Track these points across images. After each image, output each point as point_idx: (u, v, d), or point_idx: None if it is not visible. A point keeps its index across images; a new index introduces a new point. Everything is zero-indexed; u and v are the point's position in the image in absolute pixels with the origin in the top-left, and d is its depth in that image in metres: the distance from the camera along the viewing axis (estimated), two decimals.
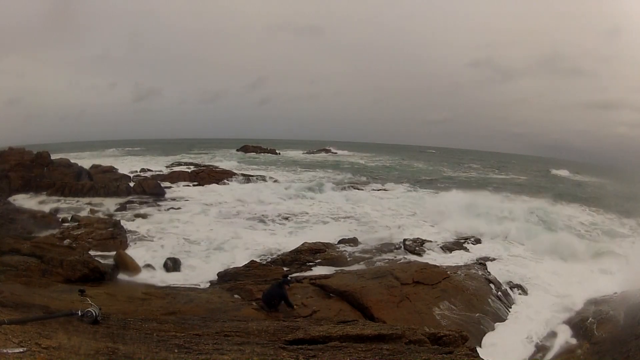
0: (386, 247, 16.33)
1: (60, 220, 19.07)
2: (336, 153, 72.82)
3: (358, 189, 30.03)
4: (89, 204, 22.68)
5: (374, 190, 30.18)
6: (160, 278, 12.82)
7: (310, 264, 14.11)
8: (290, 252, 14.83)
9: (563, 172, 60.69)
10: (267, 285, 10.31)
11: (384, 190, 30.54)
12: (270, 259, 14.58)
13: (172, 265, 13.34)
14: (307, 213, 22.28)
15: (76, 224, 17.13)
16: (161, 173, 34.58)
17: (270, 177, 33.91)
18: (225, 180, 30.84)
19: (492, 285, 12.44)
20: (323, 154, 69.46)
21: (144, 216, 20.27)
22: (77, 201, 23.35)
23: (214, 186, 29.19)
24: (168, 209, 22.08)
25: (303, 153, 71.52)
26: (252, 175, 33.43)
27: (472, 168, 59.95)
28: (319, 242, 15.71)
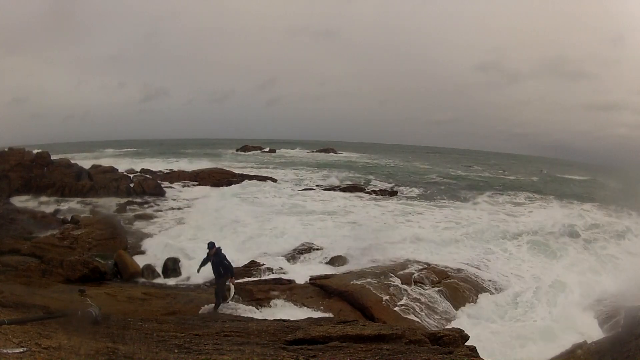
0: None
1: (60, 220, 19.07)
2: (338, 153, 72.99)
3: (357, 189, 29.99)
4: (89, 204, 22.69)
5: (376, 191, 30.14)
6: (160, 278, 12.83)
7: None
8: (290, 252, 14.83)
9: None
10: (267, 286, 10.33)
11: (386, 189, 30.52)
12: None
13: (172, 265, 13.32)
14: (305, 212, 22.23)
15: (76, 224, 17.12)
16: (161, 173, 34.58)
17: (269, 177, 33.90)
18: (225, 180, 30.83)
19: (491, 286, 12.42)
20: (324, 154, 69.51)
21: (144, 216, 20.26)
22: (77, 201, 23.34)
23: (214, 186, 29.19)
24: (168, 209, 22.07)
25: (307, 152, 71.75)
26: (251, 175, 33.44)
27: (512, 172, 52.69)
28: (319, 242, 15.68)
